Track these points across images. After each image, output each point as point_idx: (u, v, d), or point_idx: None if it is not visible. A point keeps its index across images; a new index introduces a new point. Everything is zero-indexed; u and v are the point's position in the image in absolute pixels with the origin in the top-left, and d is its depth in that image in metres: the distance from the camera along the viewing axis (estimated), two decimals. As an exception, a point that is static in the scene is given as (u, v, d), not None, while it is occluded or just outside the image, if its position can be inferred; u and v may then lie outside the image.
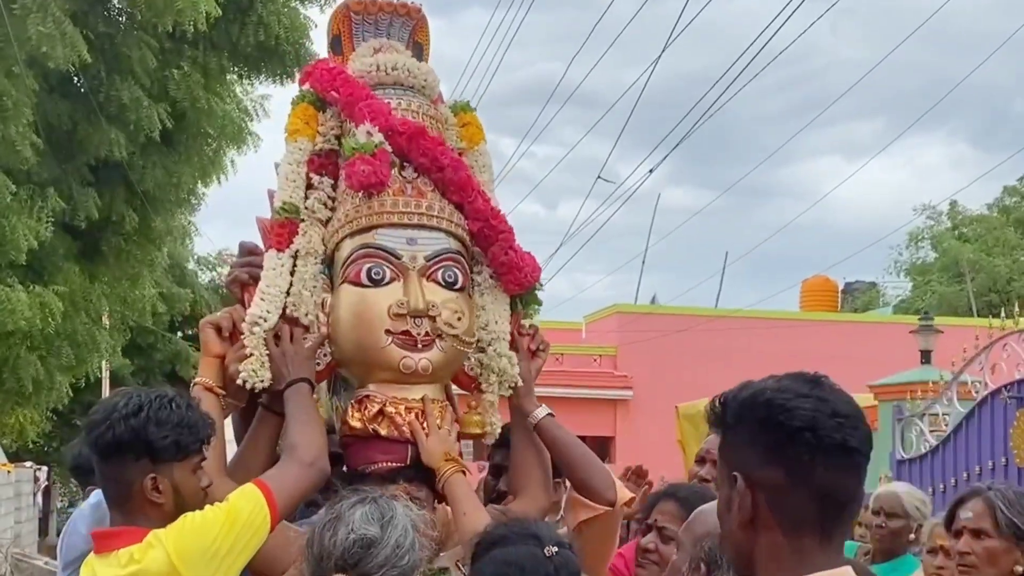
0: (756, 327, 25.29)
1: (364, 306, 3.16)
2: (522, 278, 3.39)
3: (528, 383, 3.42)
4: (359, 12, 3.61)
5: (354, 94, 3.36)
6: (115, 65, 12.26)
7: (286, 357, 3.11)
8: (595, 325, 27.34)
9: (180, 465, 2.72)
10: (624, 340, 25.20)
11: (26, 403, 14.04)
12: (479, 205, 3.34)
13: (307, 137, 3.39)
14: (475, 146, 3.55)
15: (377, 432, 3.13)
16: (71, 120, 12.47)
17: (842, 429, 1.85)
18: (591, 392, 25.04)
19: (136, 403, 2.70)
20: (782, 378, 1.95)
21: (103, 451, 2.72)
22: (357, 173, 3.18)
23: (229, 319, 3.19)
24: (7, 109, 10.36)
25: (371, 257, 3.20)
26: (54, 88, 12.28)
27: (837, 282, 31.93)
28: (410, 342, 3.14)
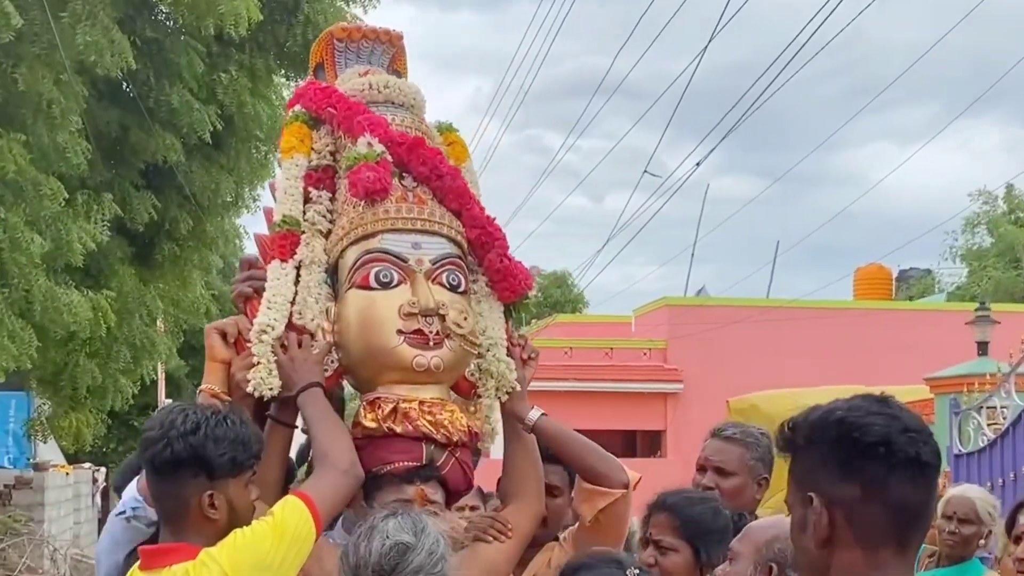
0: (808, 317, 25.10)
1: (374, 308, 3.21)
2: (516, 285, 3.46)
3: (522, 389, 3.47)
4: (342, 40, 3.73)
5: (352, 108, 3.45)
6: (163, 70, 12.39)
7: (295, 363, 3.14)
8: (644, 318, 27.26)
9: (235, 481, 2.74)
10: (674, 333, 25.10)
11: (81, 407, 14.23)
12: (476, 212, 3.43)
13: (302, 154, 3.48)
14: (462, 164, 3.63)
15: (392, 430, 3.15)
16: (121, 126, 12.62)
17: (915, 443, 1.91)
18: (641, 386, 25.00)
19: (194, 420, 2.73)
20: (851, 399, 2.01)
21: (161, 468, 2.74)
22: (363, 180, 3.24)
23: (235, 325, 3.26)
24: (55, 117, 10.46)
25: (378, 261, 3.25)
26: (103, 94, 12.42)
27: (891, 270, 31.66)
28: (422, 340, 3.18)
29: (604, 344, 26.21)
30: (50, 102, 10.32)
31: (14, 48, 10.16)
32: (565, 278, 42.87)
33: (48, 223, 10.69)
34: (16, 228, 10.03)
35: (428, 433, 3.16)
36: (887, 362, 20.99)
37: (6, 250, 9.94)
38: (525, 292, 3.51)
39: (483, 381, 3.40)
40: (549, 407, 14.12)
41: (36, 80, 10.11)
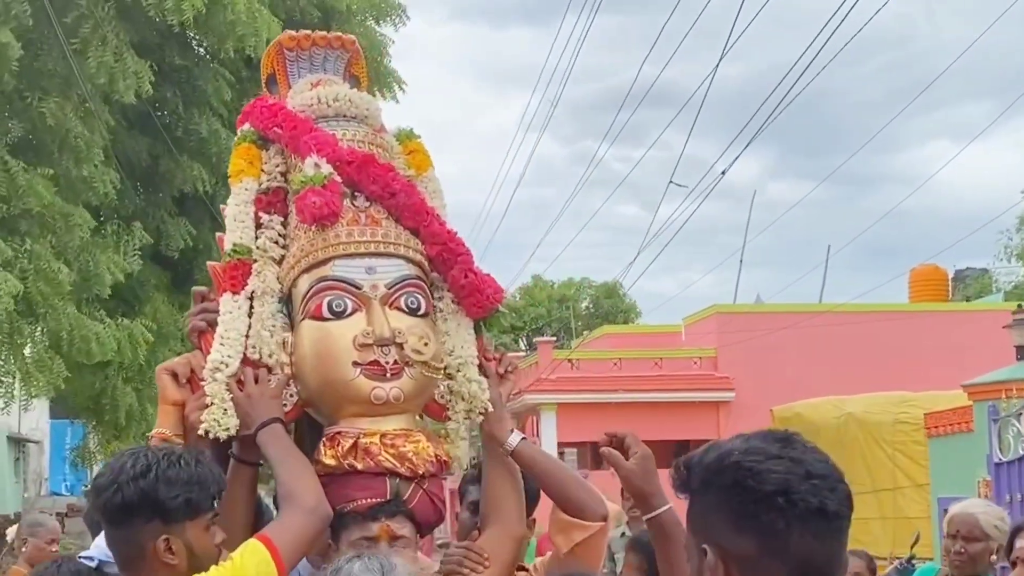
0: (862, 321, 24.78)
1: (328, 340, 3.06)
2: (483, 300, 3.30)
3: (499, 408, 3.30)
4: (292, 49, 3.56)
5: (298, 127, 3.29)
6: (192, 98, 12.47)
7: (252, 400, 3.01)
8: (694, 327, 27.05)
9: (193, 524, 2.62)
10: (724, 341, 24.86)
11: (124, 435, 14.32)
12: (435, 228, 3.27)
13: (252, 177, 3.33)
14: (423, 172, 3.48)
15: (353, 467, 3.01)
16: (151, 155, 12.71)
17: (819, 492, 1.73)
18: (692, 395, 24.80)
19: (144, 463, 2.60)
20: (750, 437, 1.83)
21: (112, 515, 2.62)
22: (309, 206, 3.10)
23: (187, 365, 3.10)
24: (80, 149, 10.51)
25: (331, 289, 3.10)
26: (132, 123, 12.52)
27: (947, 270, 31.13)
28: (379, 371, 3.03)
29: (654, 354, 26.02)
30: (75, 134, 10.38)
31: (38, 81, 10.25)
32: (616, 288, 42.64)
33: (76, 254, 10.73)
34: (43, 259, 10.06)
35: (391, 467, 3.01)
36: (940, 366, 20.60)
37: (32, 281, 9.96)
38: (495, 306, 3.34)
39: (453, 403, 3.24)
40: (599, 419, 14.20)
41: (61, 113, 10.16)
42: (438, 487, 3.14)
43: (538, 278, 48.06)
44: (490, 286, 3.31)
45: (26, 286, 9.82)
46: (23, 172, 9.86)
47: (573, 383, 25.40)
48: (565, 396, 25.25)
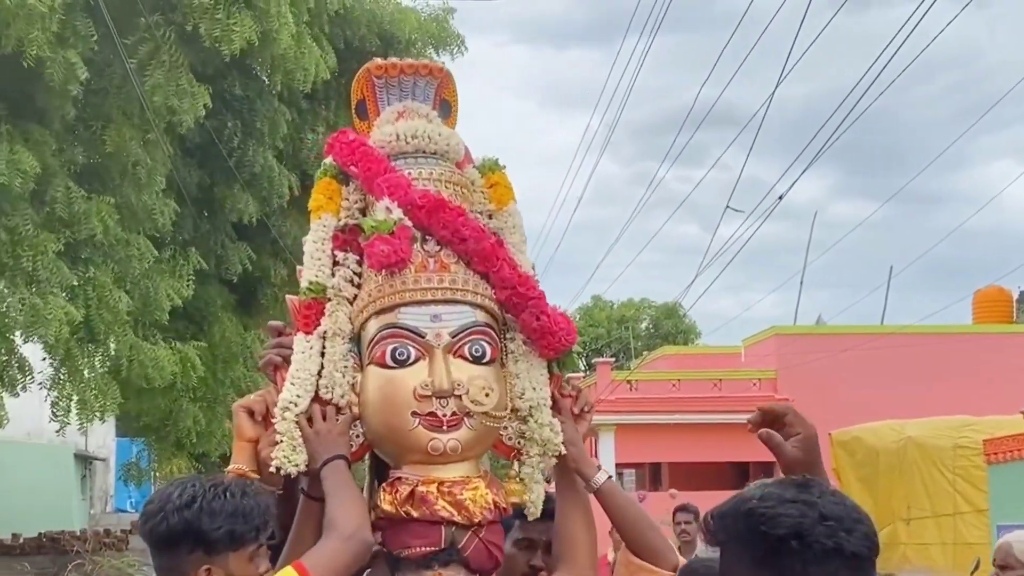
0: (924, 343, 24.46)
1: (390, 388, 3.08)
2: (556, 343, 3.25)
3: (579, 446, 3.29)
4: (381, 76, 3.52)
5: (372, 168, 3.29)
6: (251, 129, 12.65)
7: (320, 436, 3.07)
8: (754, 348, 26.88)
9: (236, 555, 2.70)
10: (784, 363, 24.68)
11: (181, 453, 14.55)
12: (505, 273, 3.23)
13: (331, 213, 3.33)
14: (504, 207, 3.43)
15: (410, 514, 3.04)
16: (208, 182, 12.92)
17: (834, 533, 1.74)
18: (751, 416, 24.57)
19: (190, 494, 2.69)
20: (769, 484, 1.86)
21: (157, 543, 2.71)
22: (376, 254, 3.12)
23: (262, 402, 3.16)
24: (141, 178, 10.73)
25: (395, 337, 3.11)
26: (193, 151, 12.74)
27: (1012, 291, 30.65)
28: (436, 423, 3.04)
29: (712, 375, 25.89)
30: (136, 163, 10.58)
31: (102, 108, 10.48)
32: (675, 309, 42.48)
33: (136, 281, 10.94)
34: (104, 287, 10.27)
35: (447, 516, 3.03)
36: (1004, 389, 20.29)
37: (95, 308, 10.17)
38: (568, 347, 3.30)
39: (527, 449, 3.23)
40: (657, 440, 14.15)
41: (123, 141, 10.37)
42: (496, 534, 3.14)
43: (598, 298, 48.03)
44: (562, 327, 3.27)
45: (88, 313, 10.03)
46: (84, 200, 10.07)
47: (632, 404, 25.33)
48: (624, 417, 25.14)
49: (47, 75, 9.08)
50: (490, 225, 3.35)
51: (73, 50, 9.22)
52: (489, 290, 3.25)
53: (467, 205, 3.34)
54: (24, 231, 9.48)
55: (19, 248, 9.49)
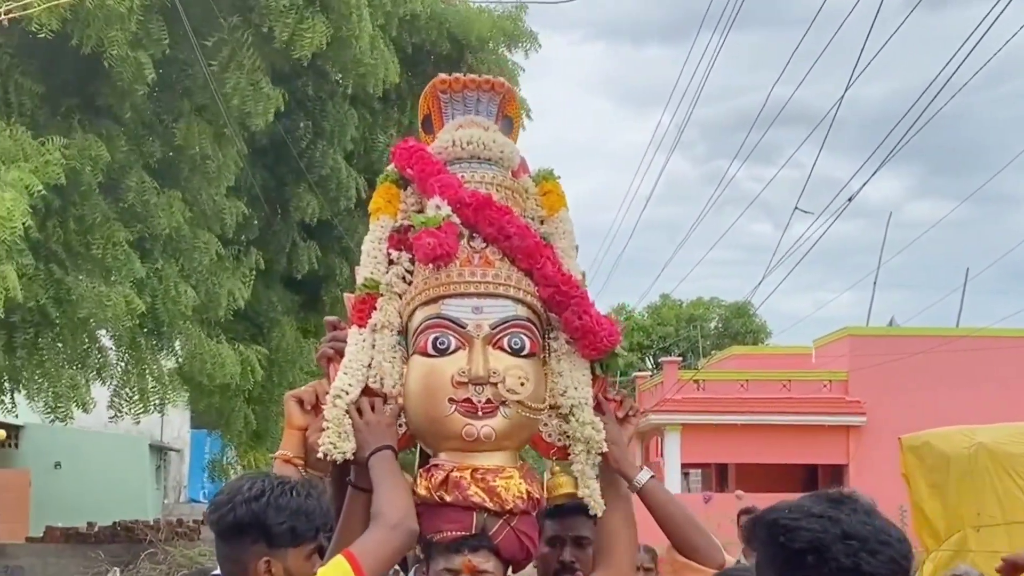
0: (1000, 346, 24.11)
1: (431, 376, 3.19)
2: (598, 343, 3.33)
3: (621, 445, 3.35)
4: (446, 91, 3.66)
5: (426, 170, 3.44)
6: (322, 130, 12.79)
7: (369, 427, 3.17)
8: (825, 349, 26.61)
9: (295, 551, 2.79)
10: (856, 364, 24.40)
11: (259, 446, 14.74)
12: (548, 271, 3.32)
13: (388, 215, 3.48)
14: (555, 213, 3.55)
15: (443, 499, 3.13)
16: (278, 182, 13.08)
17: (854, 553, 1.72)
18: (821, 419, 24.38)
19: (259, 488, 2.79)
20: (804, 497, 1.85)
21: (223, 531, 2.81)
22: (423, 246, 3.24)
23: (312, 392, 3.29)
24: (211, 172, 10.90)
25: (437, 327, 3.23)
26: (267, 150, 12.90)
27: (1092, 294, 30.03)
28: (471, 409, 3.15)
29: (782, 376, 25.67)
30: (206, 158, 10.76)
31: (176, 104, 10.67)
32: (746, 308, 42.13)
33: (202, 278, 11.12)
34: (169, 279, 10.45)
35: (479, 502, 3.10)
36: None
37: (160, 299, 10.35)
38: (610, 348, 3.38)
39: (574, 448, 3.30)
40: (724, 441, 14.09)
41: (193, 136, 10.54)
42: (529, 525, 3.20)
43: (666, 297, 47.77)
44: (605, 328, 3.34)
45: (153, 304, 10.21)
46: (156, 193, 10.27)
47: (699, 404, 25.22)
48: (690, 417, 25.09)
49: (115, 74, 9.27)
50: (541, 230, 3.46)
51: (144, 51, 9.41)
52: (532, 287, 3.34)
53: (519, 209, 3.46)
54: (93, 220, 9.68)
55: (90, 237, 9.71)
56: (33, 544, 17.49)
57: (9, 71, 9.18)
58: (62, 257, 9.58)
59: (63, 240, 9.55)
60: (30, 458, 22.86)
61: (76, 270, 9.57)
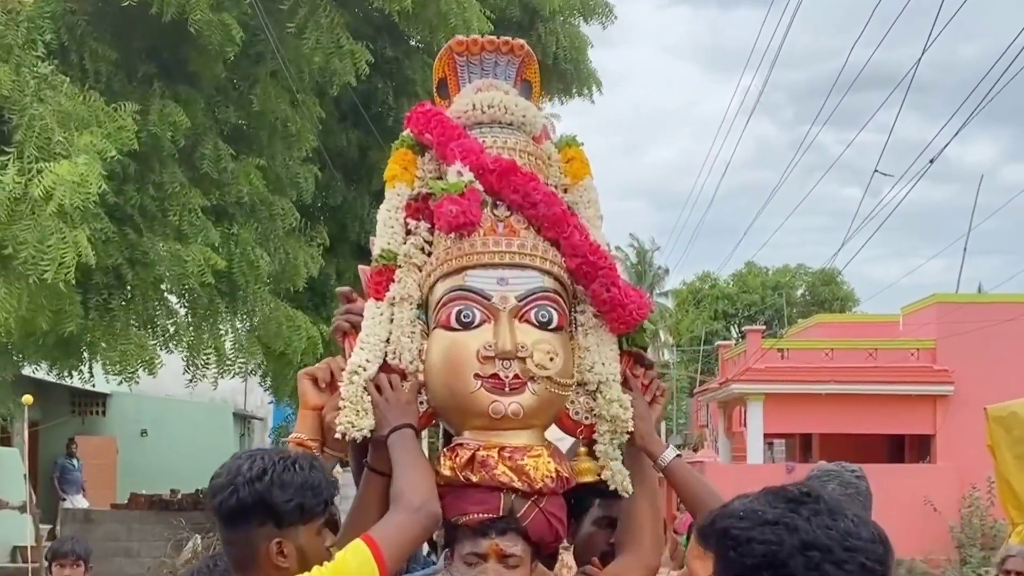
0: (1093, 314, 23.37)
1: (454, 350, 3.06)
2: (626, 316, 3.19)
3: (647, 421, 3.21)
4: (462, 54, 3.52)
5: (446, 134, 3.28)
6: (403, 89, 12.71)
7: (389, 404, 3.03)
8: (912, 317, 26.04)
9: (306, 528, 2.69)
10: (944, 332, 23.86)
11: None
12: (575, 240, 3.18)
13: (405, 182, 3.33)
14: (579, 181, 3.40)
15: (469, 479, 3.00)
16: (360, 147, 13.04)
17: (816, 566, 1.51)
18: (908, 388, 23.90)
19: (260, 467, 2.68)
20: (759, 496, 1.62)
21: (227, 516, 2.70)
22: (445, 214, 3.11)
23: (327, 370, 3.16)
24: (292, 135, 10.85)
25: (461, 300, 3.10)
26: (345, 115, 12.87)
27: None
28: (499, 385, 3.02)
29: (868, 344, 25.20)
30: (285, 122, 10.73)
31: (250, 69, 10.67)
32: (833, 275, 41.48)
33: (279, 244, 11.11)
34: (247, 243, 10.45)
35: (507, 482, 2.98)
36: None
37: (236, 262, 10.34)
38: (638, 321, 3.23)
39: (599, 427, 3.17)
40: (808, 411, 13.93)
41: (270, 100, 10.53)
42: (557, 506, 3.09)
43: (751, 264, 47.26)
44: (633, 300, 3.21)
45: (231, 266, 10.20)
46: (232, 159, 10.25)
47: (782, 373, 24.84)
48: (773, 386, 24.69)
49: (204, 39, 9.26)
50: (566, 199, 3.31)
51: (228, 13, 9.39)
52: (559, 257, 3.21)
53: (542, 177, 3.30)
54: (172, 188, 9.70)
55: (167, 203, 9.73)
56: (117, 511, 17.82)
57: (84, 38, 9.21)
58: (138, 221, 9.62)
59: (139, 204, 9.58)
60: (117, 426, 23.30)
61: (151, 233, 9.59)
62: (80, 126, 8.06)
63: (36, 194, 7.55)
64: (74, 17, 9.10)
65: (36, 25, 8.36)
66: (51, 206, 7.51)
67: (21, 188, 7.64)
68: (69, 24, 9.05)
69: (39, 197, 7.55)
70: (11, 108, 8.02)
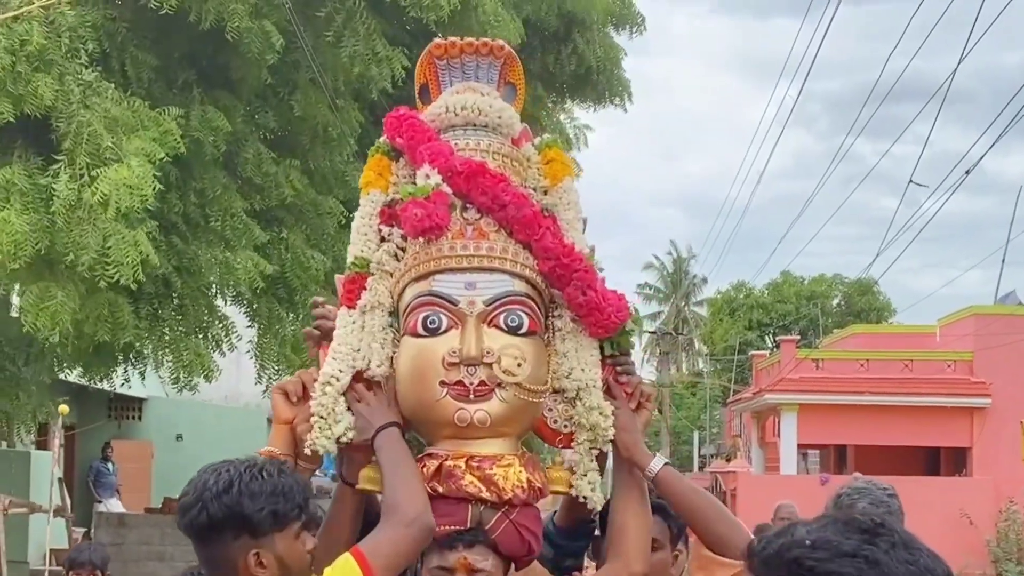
0: None
1: (420, 358, 2.98)
2: (604, 320, 3.08)
3: (631, 432, 3.10)
4: (442, 57, 3.42)
5: (415, 137, 3.19)
6: (438, 97, 12.77)
7: (371, 407, 2.97)
8: (949, 328, 25.84)
9: (281, 535, 2.61)
10: (981, 344, 23.66)
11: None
12: (547, 243, 3.07)
13: (380, 189, 3.26)
14: (559, 182, 3.29)
15: (436, 490, 2.89)
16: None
17: None
18: (944, 400, 23.71)
19: (226, 479, 2.61)
20: (828, 524, 1.53)
21: (200, 534, 2.62)
22: (411, 218, 3.01)
23: (298, 382, 3.09)
24: (332, 140, 10.89)
25: (428, 305, 3.02)
26: (381, 120, 12.92)
27: None
28: (463, 393, 2.93)
29: (903, 355, 25.03)
30: (325, 126, 10.79)
31: (290, 75, 10.73)
32: (869, 285, 41.18)
33: (330, 244, 11.14)
34: (296, 246, 10.49)
35: (475, 492, 2.89)
36: None
37: (288, 265, 10.37)
38: (618, 325, 3.12)
39: (578, 436, 3.07)
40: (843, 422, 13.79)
41: (311, 105, 10.58)
42: (530, 518, 2.98)
43: (787, 274, 47.01)
44: (611, 303, 3.10)
45: (283, 270, 10.23)
46: (274, 163, 10.28)
47: (817, 383, 24.71)
48: (808, 397, 24.55)
49: (244, 46, 9.32)
50: (544, 201, 3.22)
51: (267, 20, 9.44)
52: (531, 260, 3.12)
53: (518, 179, 3.23)
54: (213, 193, 9.74)
55: (208, 209, 9.75)
56: (151, 515, 17.87)
57: (125, 45, 9.28)
58: (182, 228, 9.67)
59: (182, 212, 9.64)
60: (152, 430, 23.39)
61: (196, 240, 9.64)
62: (127, 131, 8.12)
63: (93, 200, 7.57)
64: (115, 25, 9.15)
65: (78, 35, 8.41)
66: (109, 211, 7.53)
67: (75, 195, 7.68)
68: (110, 32, 9.11)
69: (97, 203, 7.57)
70: (58, 116, 8.07)
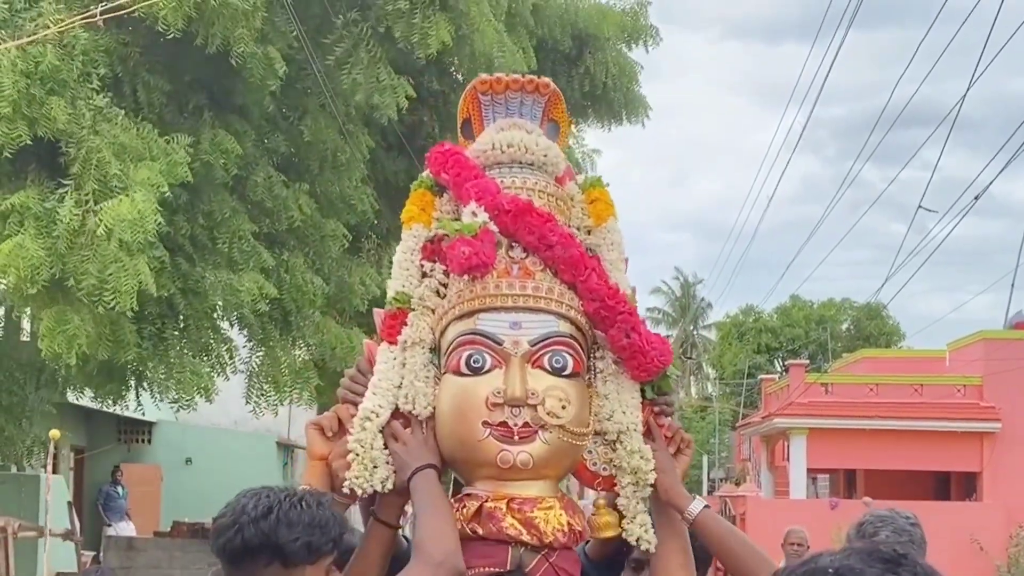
0: None
1: (463, 397, 2.94)
2: (647, 363, 3.06)
3: (670, 474, 3.07)
4: (486, 92, 3.38)
5: (462, 174, 3.17)
6: (448, 124, 12.83)
7: (408, 447, 2.94)
8: (959, 353, 25.79)
9: (313, 568, 2.57)
10: (991, 369, 23.60)
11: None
12: (593, 284, 3.04)
13: (422, 224, 3.22)
14: (603, 223, 3.27)
15: (476, 532, 2.87)
16: (408, 176, 13.18)
17: None
18: (954, 424, 23.65)
19: (266, 504, 2.57)
20: (852, 554, 1.52)
21: (232, 557, 2.58)
22: (457, 256, 2.98)
23: (333, 418, 3.05)
24: (341, 165, 10.96)
25: (471, 344, 2.98)
26: (392, 145, 12.99)
27: None
28: (507, 434, 2.89)
29: (913, 380, 24.99)
30: (335, 151, 10.84)
31: (300, 100, 10.80)
32: (878, 310, 41.09)
33: (333, 268, 11.19)
34: (297, 269, 10.53)
35: (515, 535, 2.85)
36: None
37: (287, 289, 10.41)
38: (660, 369, 3.10)
39: (620, 480, 3.05)
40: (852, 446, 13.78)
41: (320, 130, 10.64)
42: (570, 561, 2.95)
43: (796, 298, 46.96)
44: (655, 347, 3.07)
45: (281, 295, 10.27)
46: (283, 187, 10.37)
47: (826, 408, 24.68)
48: (817, 421, 24.53)
49: (247, 71, 9.40)
50: (587, 241, 3.21)
51: (272, 46, 9.52)
52: (576, 301, 3.09)
53: (563, 218, 3.21)
54: (221, 216, 9.81)
55: (216, 231, 9.83)
56: (160, 539, 17.87)
57: (136, 69, 9.36)
58: (189, 251, 9.74)
59: (189, 234, 9.71)
60: (162, 454, 23.41)
61: (203, 262, 9.71)
62: (135, 158, 8.20)
63: (97, 231, 7.70)
64: (127, 50, 9.24)
65: (91, 59, 8.48)
66: (112, 243, 7.65)
67: (79, 221, 7.78)
68: (123, 56, 9.19)
69: (101, 235, 7.70)
70: (68, 140, 8.15)
